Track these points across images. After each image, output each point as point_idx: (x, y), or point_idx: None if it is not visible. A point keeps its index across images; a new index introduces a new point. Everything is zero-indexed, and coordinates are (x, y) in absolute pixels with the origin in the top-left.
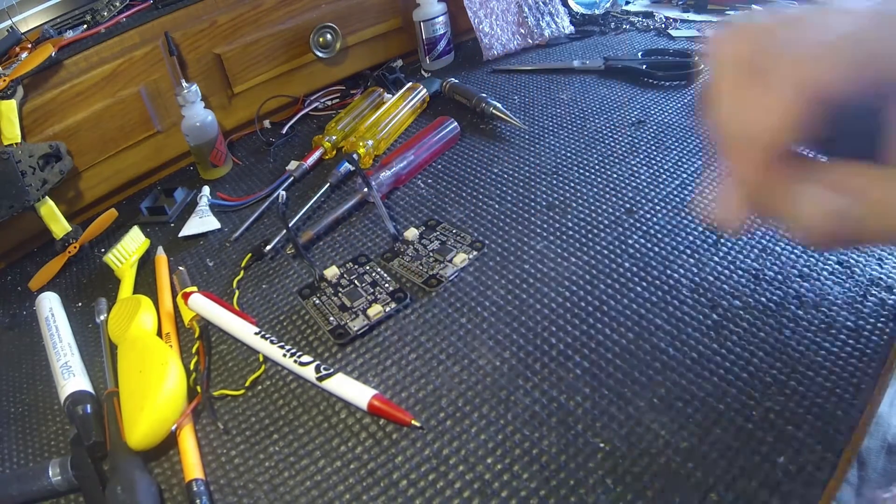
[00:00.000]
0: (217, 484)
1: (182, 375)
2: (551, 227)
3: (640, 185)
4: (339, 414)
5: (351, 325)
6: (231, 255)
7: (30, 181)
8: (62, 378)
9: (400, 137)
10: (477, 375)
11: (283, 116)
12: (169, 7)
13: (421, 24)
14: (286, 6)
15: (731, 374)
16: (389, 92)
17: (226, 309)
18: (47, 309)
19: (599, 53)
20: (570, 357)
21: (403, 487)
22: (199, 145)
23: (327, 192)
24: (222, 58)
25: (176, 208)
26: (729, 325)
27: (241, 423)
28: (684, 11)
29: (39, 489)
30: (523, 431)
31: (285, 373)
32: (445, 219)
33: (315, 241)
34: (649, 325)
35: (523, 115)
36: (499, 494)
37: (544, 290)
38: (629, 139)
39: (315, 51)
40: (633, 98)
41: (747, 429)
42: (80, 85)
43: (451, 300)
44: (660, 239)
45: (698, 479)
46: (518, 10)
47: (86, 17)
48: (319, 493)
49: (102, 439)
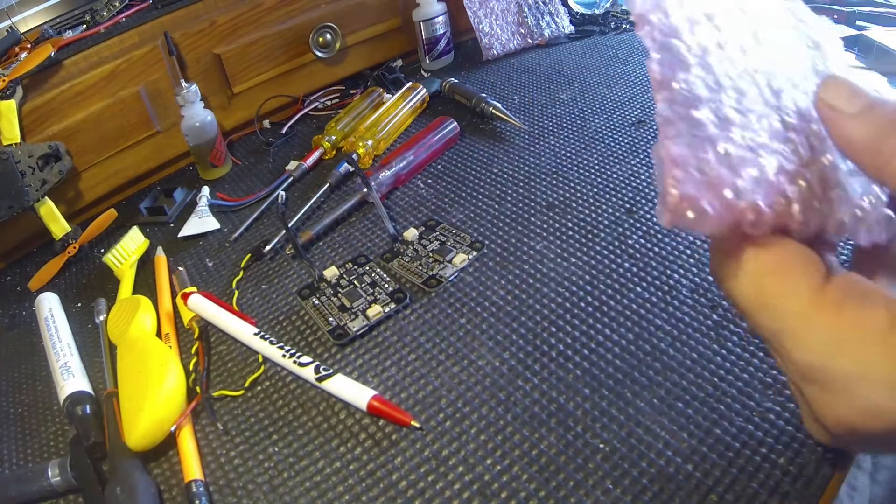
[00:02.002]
0: (216, 485)
1: (181, 376)
2: (551, 227)
3: (640, 185)
4: (339, 415)
5: (350, 325)
6: (230, 255)
7: (29, 181)
8: (61, 378)
9: (400, 137)
10: (476, 376)
11: (283, 116)
12: (168, 7)
13: (421, 24)
14: (286, 6)
15: (731, 374)
16: (389, 92)
17: (225, 309)
18: (47, 309)
19: (599, 53)
20: (570, 357)
21: (403, 488)
22: (198, 145)
23: (327, 192)
24: (222, 58)
25: (175, 208)
26: (729, 325)
27: (241, 424)
28: None
29: (39, 490)
30: (523, 432)
31: (285, 373)
32: (445, 219)
33: (314, 242)
34: (649, 326)
35: (523, 115)
36: (498, 495)
37: (544, 290)
38: (629, 139)
39: (315, 51)
40: (634, 98)
41: (747, 429)
42: (80, 85)
43: (450, 301)
44: (660, 239)
45: (698, 479)
46: (518, 10)
47: (85, 17)
48: (319, 494)
49: (102, 440)
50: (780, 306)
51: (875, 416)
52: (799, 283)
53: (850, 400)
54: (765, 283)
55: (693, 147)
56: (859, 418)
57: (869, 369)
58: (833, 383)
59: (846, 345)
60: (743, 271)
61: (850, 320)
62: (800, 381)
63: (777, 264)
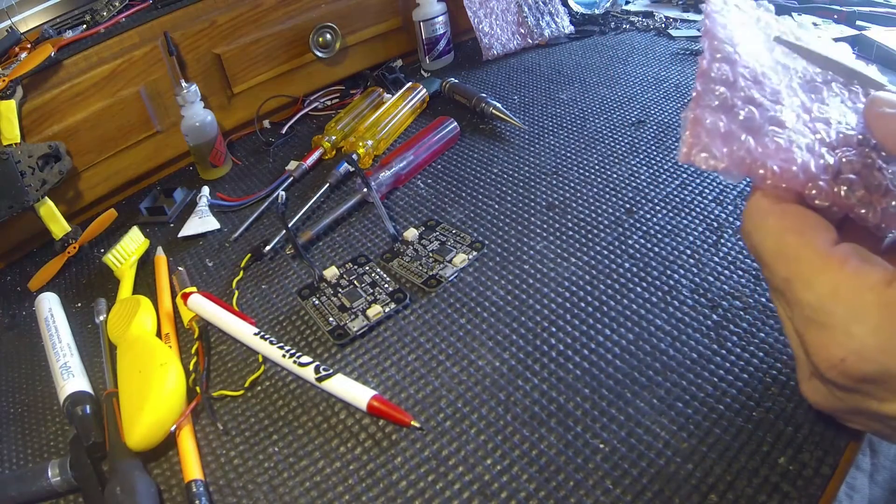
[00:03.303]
0: (216, 485)
1: (181, 376)
2: (551, 227)
3: (640, 185)
4: (339, 415)
5: (350, 325)
6: (230, 255)
7: (29, 181)
8: (61, 378)
9: (399, 137)
10: (476, 376)
11: (283, 116)
12: (168, 7)
13: (421, 24)
14: (286, 6)
15: (731, 374)
16: (389, 92)
17: (225, 309)
18: (47, 309)
19: (599, 53)
20: (570, 357)
21: (403, 488)
22: (198, 145)
23: (327, 192)
24: (222, 58)
25: (175, 208)
26: (729, 325)
27: (241, 424)
28: (684, 11)
29: (38, 490)
30: (523, 432)
31: (285, 373)
32: (445, 219)
33: (314, 242)
34: (649, 326)
35: (523, 115)
36: (498, 495)
37: (544, 290)
38: (629, 139)
39: (314, 51)
40: (634, 98)
41: (747, 429)
42: (80, 85)
43: (450, 301)
44: (660, 239)
45: (698, 479)
46: (518, 10)
47: (85, 17)
48: (319, 494)
49: (102, 440)
50: (794, 256)
51: (863, 357)
52: (812, 242)
53: (843, 339)
54: (784, 238)
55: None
56: (850, 357)
57: (862, 314)
58: (831, 323)
59: (845, 291)
60: (767, 227)
61: (851, 273)
62: (803, 324)
63: (796, 225)
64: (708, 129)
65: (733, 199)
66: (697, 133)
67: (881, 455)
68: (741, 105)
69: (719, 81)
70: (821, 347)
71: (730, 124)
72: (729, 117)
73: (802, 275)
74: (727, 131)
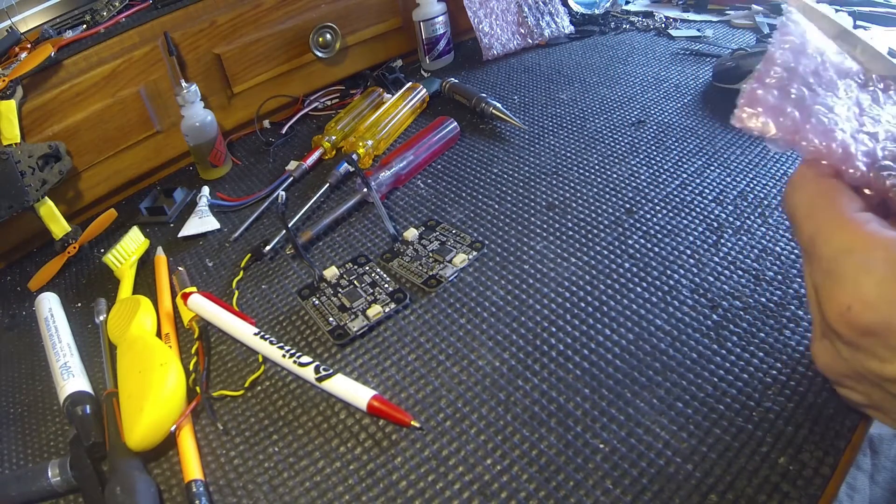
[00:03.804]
0: (216, 485)
1: (181, 376)
2: (551, 228)
3: (640, 185)
4: (339, 415)
5: (350, 325)
6: (230, 255)
7: (29, 181)
8: (61, 378)
9: (400, 137)
10: (476, 376)
11: (283, 116)
12: (168, 7)
13: (421, 24)
14: (286, 6)
15: (731, 374)
16: (389, 92)
17: (225, 309)
18: (47, 309)
19: (599, 53)
20: (570, 357)
21: (403, 488)
22: (198, 145)
23: (327, 192)
24: (222, 58)
25: (175, 208)
26: (729, 325)
27: (241, 424)
28: (684, 11)
29: (38, 490)
30: (523, 432)
31: (285, 373)
32: (445, 219)
33: (314, 242)
34: (649, 326)
35: (523, 115)
36: (498, 495)
37: (544, 290)
38: (629, 139)
39: (315, 51)
40: (634, 98)
41: (747, 429)
42: (80, 85)
43: (450, 301)
44: (660, 239)
45: (698, 479)
46: (518, 10)
47: (85, 17)
48: (319, 494)
49: (102, 440)
50: (820, 216)
51: (868, 305)
52: (838, 205)
53: (851, 288)
54: (815, 200)
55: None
56: (856, 305)
57: (870, 266)
58: (842, 273)
59: (860, 246)
60: (804, 190)
61: (868, 233)
62: (820, 277)
63: (827, 191)
64: (760, 98)
65: (733, 199)
66: (752, 100)
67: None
68: (796, 88)
69: (781, 66)
70: (831, 297)
71: (781, 99)
72: (782, 93)
73: (824, 232)
74: (777, 104)
